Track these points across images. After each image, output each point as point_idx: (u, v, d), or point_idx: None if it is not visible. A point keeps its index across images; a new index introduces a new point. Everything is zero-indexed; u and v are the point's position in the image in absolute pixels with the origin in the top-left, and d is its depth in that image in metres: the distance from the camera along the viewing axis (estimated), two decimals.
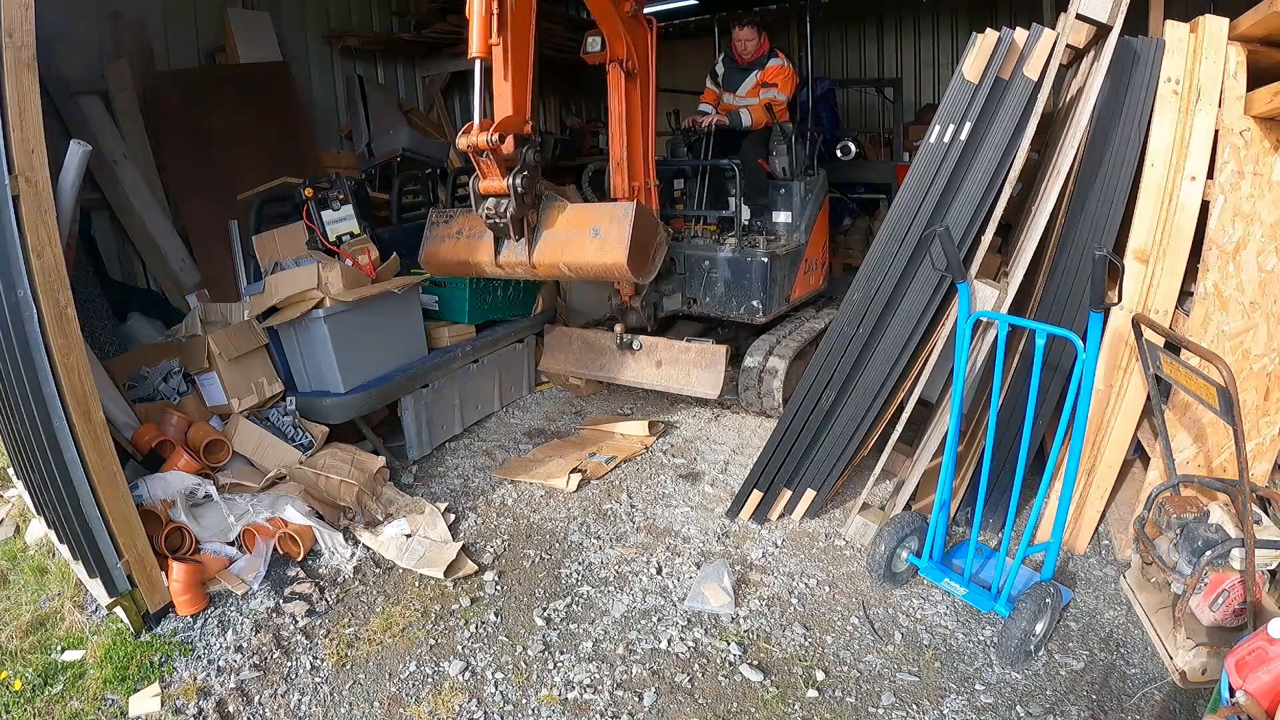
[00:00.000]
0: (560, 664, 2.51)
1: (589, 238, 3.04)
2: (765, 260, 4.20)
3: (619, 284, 4.07)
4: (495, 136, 2.76)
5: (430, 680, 2.47)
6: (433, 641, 2.64)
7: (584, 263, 3.07)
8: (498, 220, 3.02)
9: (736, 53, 4.72)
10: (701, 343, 4.01)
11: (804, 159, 4.73)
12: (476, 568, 3.03)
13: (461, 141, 2.83)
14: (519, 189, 2.92)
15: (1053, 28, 2.71)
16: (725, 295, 4.36)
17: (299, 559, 3.03)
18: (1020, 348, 2.90)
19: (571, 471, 3.69)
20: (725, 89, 4.89)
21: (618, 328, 4.20)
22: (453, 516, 3.40)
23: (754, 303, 4.28)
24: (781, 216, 4.68)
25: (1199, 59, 2.48)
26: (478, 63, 2.76)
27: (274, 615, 2.76)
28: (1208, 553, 2.20)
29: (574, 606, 2.80)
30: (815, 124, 7.74)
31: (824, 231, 4.97)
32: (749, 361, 4.20)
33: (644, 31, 3.72)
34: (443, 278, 4.17)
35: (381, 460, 3.66)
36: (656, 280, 4.12)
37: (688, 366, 4.03)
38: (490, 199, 3.01)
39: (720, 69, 4.92)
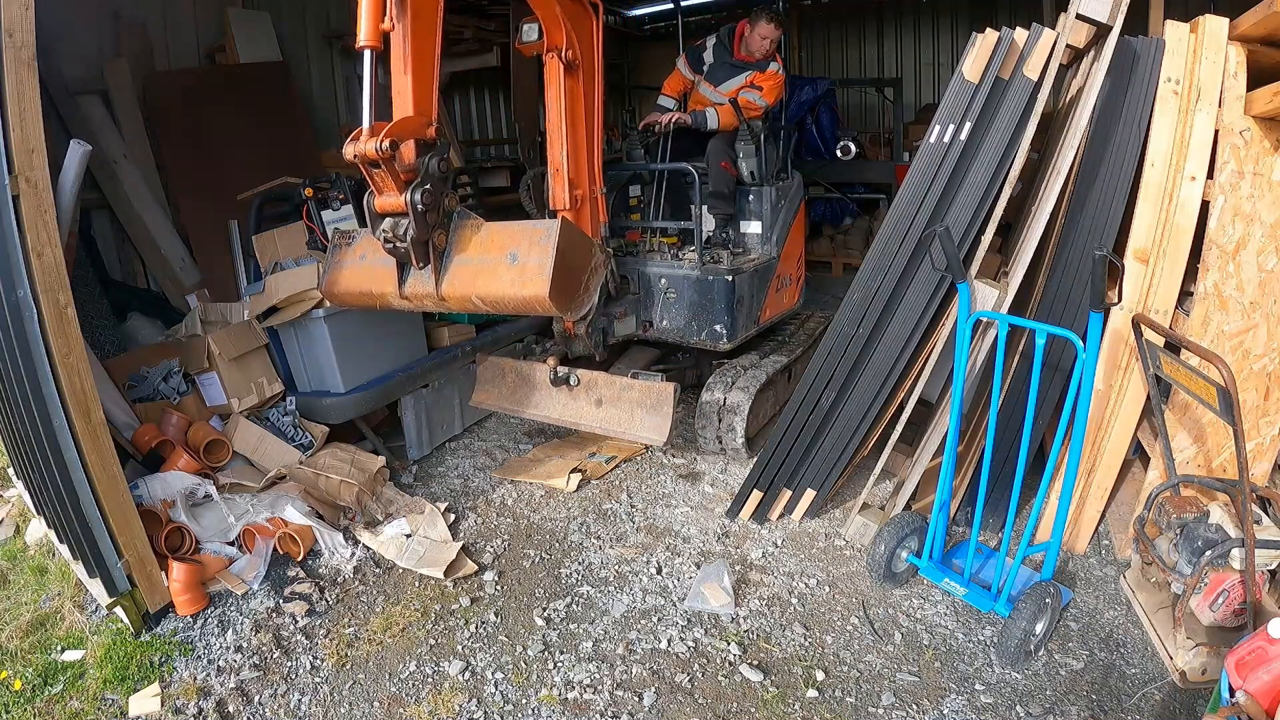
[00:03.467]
0: (560, 664, 2.51)
1: (505, 264, 2.56)
2: (729, 278, 3.71)
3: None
4: (385, 144, 2.32)
5: (430, 680, 2.47)
6: (433, 641, 2.64)
7: (500, 295, 2.57)
8: (397, 244, 2.58)
9: (744, 45, 4.16)
10: (648, 379, 3.46)
11: (776, 161, 4.24)
12: (476, 568, 3.03)
13: (348, 151, 2.39)
14: (419, 207, 2.47)
15: (1053, 28, 2.71)
16: (684, 318, 3.86)
17: (299, 559, 3.03)
18: (1020, 348, 2.90)
19: (571, 471, 3.69)
20: (708, 79, 4.29)
21: (550, 361, 3.58)
22: (453, 516, 3.40)
23: (717, 327, 3.80)
24: (750, 227, 4.18)
25: (1199, 59, 2.48)
26: (367, 54, 2.35)
27: (274, 615, 2.76)
28: (1208, 553, 2.20)
29: (574, 606, 2.80)
30: (790, 121, 7.66)
31: (800, 243, 4.50)
32: (707, 396, 3.77)
33: (587, 16, 3.20)
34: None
35: (381, 460, 3.66)
36: (606, 301, 3.59)
37: (631, 407, 3.44)
38: (387, 219, 2.58)
39: (710, 57, 4.31)
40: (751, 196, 4.14)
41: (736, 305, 3.79)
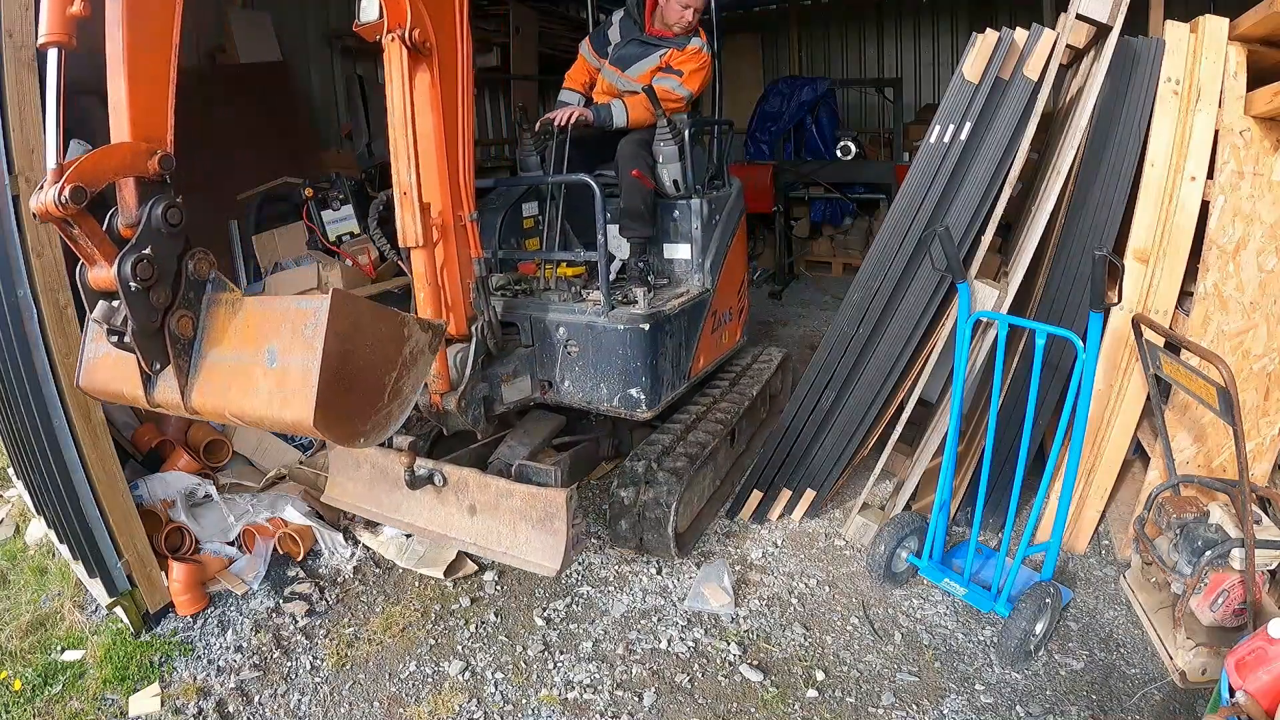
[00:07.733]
0: (560, 664, 2.51)
1: (262, 367, 1.64)
2: (644, 327, 2.83)
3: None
4: (65, 193, 1.45)
5: (430, 680, 2.47)
6: (433, 641, 2.64)
7: (259, 416, 1.66)
8: (119, 334, 1.66)
9: (658, 16, 3.32)
10: (537, 478, 2.72)
11: (706, 166, 3.42)
12: (476, 568, 3.03)
13: (32, 203, 1.52)
14: (131, 284, 1.56)
15: (1053, 28, 2.71)
16: (591, 379, 2.94)
17: (299, 559, 3.03)
18: (1020, 348, 2.90)
19: None
20: (614, 64, 3.43)
21: (404, 457, 2.58)
22: None
23: (632, 391, 2.90)
24: (676, 251, 3.30)
25: (1199, 59, 2.48)
26: (51, 54, 1.63)
27: (274, 615, 2.76)
28: (1208, 553, 2.20)
29: (574, 606, 2.80)
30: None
31: (742, 265, 3.65)
32: (620, 489, 2.87)
33: None
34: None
35: None
36: (488, 361, 2.74)
37: (513, 519, 2.56)
38: (101, 300, 1.66)
39: (616, 35, 3.44)
40: (676, 212, 3.25)
41: (657, 360, 2.92)
